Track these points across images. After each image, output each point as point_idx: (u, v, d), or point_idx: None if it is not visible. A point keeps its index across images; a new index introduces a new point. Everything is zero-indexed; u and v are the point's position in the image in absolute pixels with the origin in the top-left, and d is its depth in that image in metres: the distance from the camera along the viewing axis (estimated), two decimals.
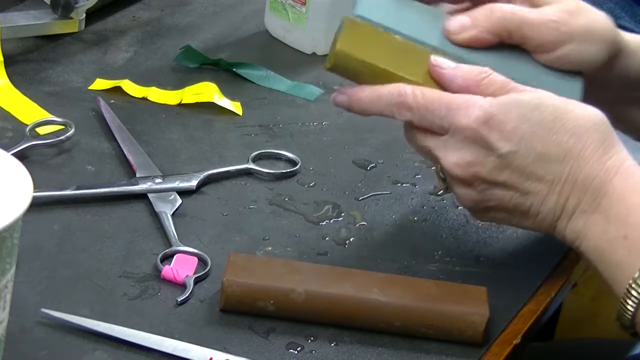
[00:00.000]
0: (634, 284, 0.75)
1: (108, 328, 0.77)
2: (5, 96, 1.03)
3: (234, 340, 0.78)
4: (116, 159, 0.97)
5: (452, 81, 0.81)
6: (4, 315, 0.69)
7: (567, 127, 0.78)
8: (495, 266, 0.89)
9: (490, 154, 0.79)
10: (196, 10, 1.25)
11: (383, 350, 0.80)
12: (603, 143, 0.79)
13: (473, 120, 0.78)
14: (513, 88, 0.80)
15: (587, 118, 0.79)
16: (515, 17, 0.85)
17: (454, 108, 0.79)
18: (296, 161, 0.99)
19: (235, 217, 0.91)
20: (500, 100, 0.79)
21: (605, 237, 0.77)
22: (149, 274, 0.83)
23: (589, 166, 0.78)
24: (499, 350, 0.81)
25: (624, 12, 1.26)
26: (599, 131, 0.79)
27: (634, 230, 0.76)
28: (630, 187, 0.77)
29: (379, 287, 0.81)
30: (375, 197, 0.96)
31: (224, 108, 1.06)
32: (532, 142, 0.78)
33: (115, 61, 1.12)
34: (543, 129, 0.78)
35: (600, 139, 0.79)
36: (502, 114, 0.78)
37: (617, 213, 0.77)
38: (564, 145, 0.78)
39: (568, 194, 0.79)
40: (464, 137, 0.79)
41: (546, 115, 0.78)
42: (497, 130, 0.78)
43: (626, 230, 0.76)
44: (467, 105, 0.79)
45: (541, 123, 0.78)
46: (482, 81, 0.80)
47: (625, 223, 0.76)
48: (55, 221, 0.88)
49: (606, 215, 0.77)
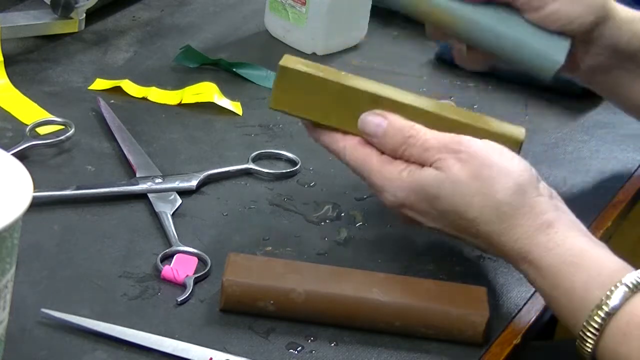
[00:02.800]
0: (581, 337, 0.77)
1: (108, 328, 0.77)
2: (5, 96, 1.03)
3: (234, 340, 0.78)
4: (116, 159, 0.97)
5: (381, 147, 0.84)
6: (4, 315, 0.69)
7: (467, 216, 0.80)
8: (495, 266, 0.89)
9: (416, 222, 0.84)
10: (196, 10, 1.25)
11: (383, 350, 0.80)
12: (508, 225, 0.80)
13: (391, 206, 0.84)
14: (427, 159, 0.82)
15: (486, 204, 0.80)
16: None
17: (377, 190, 0.84)
18: (296, 161, 0.99)
19: (235, 217, 0.91)
20: (409, 184, 0.82)
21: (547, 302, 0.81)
22: (149, 274, 0.83)
23: (500, 247, 0.81)
24: (499, 350, 0.81)
25: None
26: (502, 214, 0.80)
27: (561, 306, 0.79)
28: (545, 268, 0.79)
29: (379, 287, 0.81)
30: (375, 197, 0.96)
31: (224, 108, 1.06)
32: (445, 222, 0.82)
33: (115, 61, 1.12)
34: (448, 215, 0.82)
35: (504, 222, 0.80)
36: (413, 197, 0.82)
37: (544, 292, 0.80)
38: (471, 229, 0.81)
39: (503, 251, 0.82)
40: (395, 213, 0.85)
41: (446, 206, 0.81)
42: (416, 211, 0.83)
43: (556, 305, 0.79)
44: (383, 190, 0.83)
45: (445, 212, 0.81)
46: (404, 152, 0.83)
47: (552, 299, 0.79)
48: (55, 221, 0.88)
49: (539, 289, 0.81)
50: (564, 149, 1.07)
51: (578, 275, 0.77)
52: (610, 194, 1.01)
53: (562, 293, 0.78)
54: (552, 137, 1.08)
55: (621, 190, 1.02)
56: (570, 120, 1.11)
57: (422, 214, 0.83)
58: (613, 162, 1.06)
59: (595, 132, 1.10)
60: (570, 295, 0.77)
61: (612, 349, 0.75)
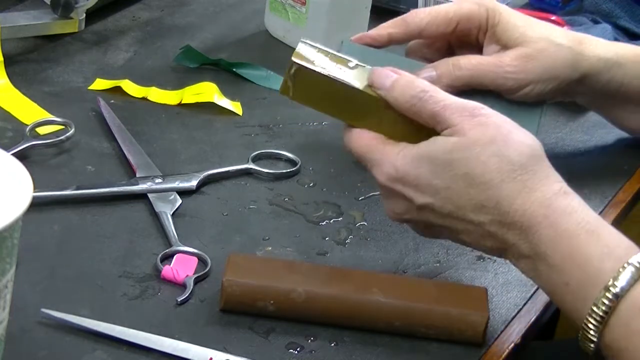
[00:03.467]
0: (586, 327, 0.75)
1: (108, 328, 0.77)
2: (5, 96, 1.03)
3: (234, 340, 0.78)
4: (116, 159, 0.97)
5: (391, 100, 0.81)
6: (4, 315, 0.69)
7: (480, 180, 0.77)
8: (495, 266, 0.89)
9: (412, 205, 0.80)
10: (196, 10, 1.25)
11: (383, 350, 0.80)
12: (523, 180, 0.77)
13: (386, 179, 0.80)
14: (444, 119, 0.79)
15: (502, 166, 0.77)
16: (475, 74, 0.93)
17: (374, 164, 0.81)
18: (296, 161, 0.99)
19: (235, 217, 0.91)
20: (413, 155, 0.79)
21: (550, 282, 0.77)
22: (149, 274, 0.83)
23: (512, 213, 0.77)
24: (499, 350, 0.81)
25: (624, 12, 1.26)
26: (518, 169, 0.77)
27: (572, 278, 0.75)
28: (560, 234, 0.76)
29: (379, 287, 0.81)
30: (375, 197, 0.96)
31: (224, 108, 1.06)
32: (447, 195, 0.79)
33: (115, 61, 1.12)
34: (456, 184, 0.78)
35: (520, 175, 0.77)
36: (414, 169, 0.79)
37: (554, 262, 0.76)
38: (481, 195, 0.78)
39: (503, 237, 0.78)
40: (386, 192, 0.82)
41: (457, 170, 0.78)
42: (411, 185, 0.79)
43: (566, 277, 0.76)
44: (382, 162, 0.81)
45: (453, 178, 0.78)
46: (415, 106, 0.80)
47: (563, 271, 0.76)
48: (55, 221, 0.88)
49: (547, 264, 0.76)
50: (564, 149, 1.07)
51: (595, 243, 0.75)
52: (610, 194, 1.01)
53: (576, 262, 0.75)
54: (552, 137, 1.08)
55: (621, 190, 1.02)
56: (570, 120, 1.11)
57: (417, 188, 0.79)
58: (613, 162, 1.06)
59: (595, 132, 1.10)
60: (584, 265, 0.75)
61: (625, 324, 0.73)
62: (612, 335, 0.74)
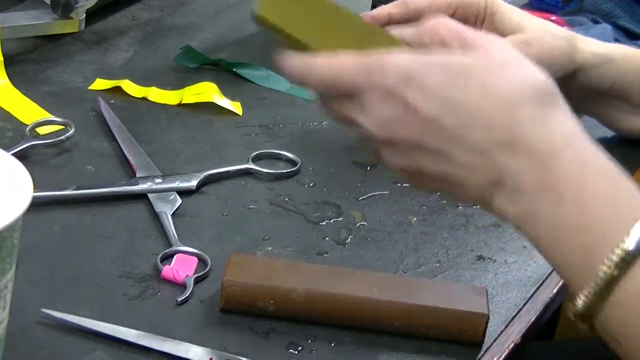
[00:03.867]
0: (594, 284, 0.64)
1: (108, 328, 0.77)
2: (5, 96, 1.03)
3: (234, 340, 0.78)
4: (116, 159, 0.97)
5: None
6: (4, 315, 0.69)
7: (498, 94, 0.68)
8: (495, 266, 0.89)
9: (409, 114, 0.69)
10: (196, 10, 1.25)
11: (383, 350, 0.80)
12: (544, 109, 0.68)
13: (391, 75, 0.69)
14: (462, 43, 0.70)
15: (523, 82, 0.68)
16: None
17: (373, 67, 0.70)
18: (296, 161, 0.99)
19: (235, 217, 0.91)
20: (425, 58, 0.69)
21: (551, 226, 0.66)
22: (149, 274, 0.83)
23: (529, 132, 0.67)
24: (499, 350, 0.81)
25: (624, 12, 1.26)
26: (539, 96, 0.68)
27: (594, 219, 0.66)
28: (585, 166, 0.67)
29: (379, 287, 0.81)
30: (375, 197, 0.96)
31: (224, 108, 1.06)
32: (457, 108, 0.68)
33: (115, 61, 1.12)
34: (468, 94, 0.68)
35: (541, 103, 0.68)
36: (425, 73, 0.68)
37: (571, 197, 0.66)
38: (495, 111, 0.67)
39: (503, 163, 0.67)
40: (381, 94, 0.69)
41: (474, 80, 0.68)
42: (418, 89, 0.68)
43: (582, 218, 0.66)
44: (384, 61, 0.69)
45: (467, 88, 0.68)
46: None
47: (580, 210, 0.66)
48: (55, 221, 0.88)
49: (556, 201, 0.66)
50: None
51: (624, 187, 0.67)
52: None
53: (605, 201, 0.65)
54: None
55: None
56: None
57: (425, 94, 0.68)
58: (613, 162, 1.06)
59: (595, 132, 1.09)
60: (614, 205, 0.65)
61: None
62: (620, 298, 0.64)
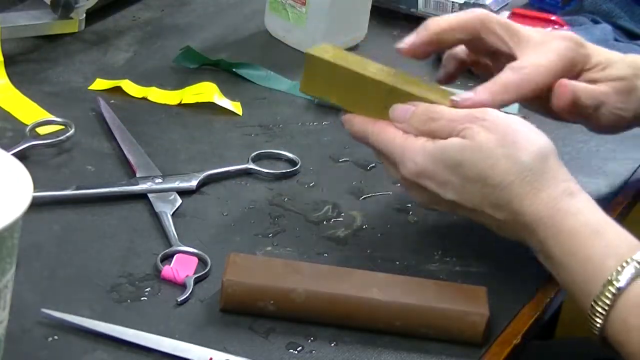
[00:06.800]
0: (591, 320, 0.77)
1: (108, 328, 0.77)
2: (5, 96, 1.03)
3: (234, 340, 0.78)
4: (116, 159, 0.97)
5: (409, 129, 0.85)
6: (4, 315, 0.69)
7: (491, 182, 0.81)
8: (495, 266, 0.89)
9: (437, 196, 0.84)
10: (196, 10, 1.25)
11: (383, 350, 0.80)
12: (531, 189, 0.80)
13: (408, 173, 0.84)
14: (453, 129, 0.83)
15: (510, 167, 0.81)
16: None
17: (397, 158, 0.85)
18: (296, 161, 0.99)
19: (235, 217, 0.91)
20: (430, 151, 0.83)
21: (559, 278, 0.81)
22: (149, 274, 0.83)
23: (522, 213, 0.81)
24: (499, 350, 0.81)
25: (624, 12, 1.26)
26: (526, 177, 0.80)
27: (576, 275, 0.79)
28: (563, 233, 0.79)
29: (379, 287, 0.81)
30: (375, 197, 0.96)
31: (224, 108, 1.06)
32: (466, 192, 0.82)
33: (115, 61, 1.12)
34: (470, 183, 0.82)
35: (527, 184, 0.80)
36: (433, 165, 0.83)
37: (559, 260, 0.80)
38: (493, 196, 0.81)
39: (519, 234, 0.83)
40: (409, 184, 0.85)
41: (469, 172, 0.81)
42: (432, 180, 0.83)
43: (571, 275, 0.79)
44: (403, 157, 0.84)
45: (467, 178, 0.82)
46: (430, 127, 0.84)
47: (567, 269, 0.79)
48: (55, 221, 0.88)
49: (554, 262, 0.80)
50: (563, 149, 1.07)
51: (598, 242, 0.78)
52: (610, 194, 1.01)
53: (579, 260, 0.78)
54: (552, 137, 1.08)
55: (621, 191, 1.02)
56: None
57: (440, 185, 0.83)
58: (613, 163, 1.06)
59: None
60: (586, 263, 0.78)
61: (623, 319, 0.76)
62: (612, 330, 0.76)
